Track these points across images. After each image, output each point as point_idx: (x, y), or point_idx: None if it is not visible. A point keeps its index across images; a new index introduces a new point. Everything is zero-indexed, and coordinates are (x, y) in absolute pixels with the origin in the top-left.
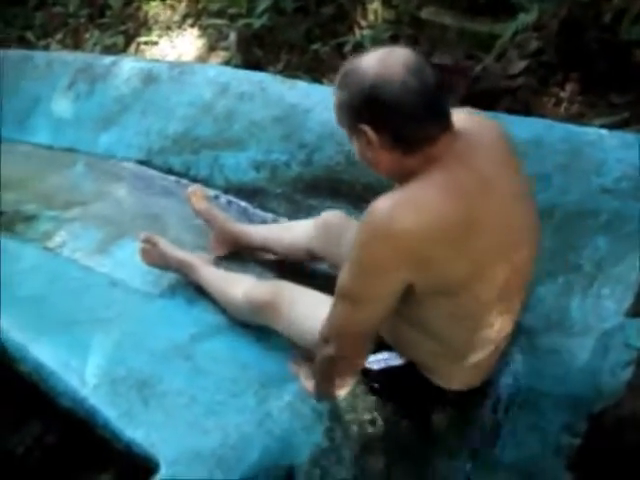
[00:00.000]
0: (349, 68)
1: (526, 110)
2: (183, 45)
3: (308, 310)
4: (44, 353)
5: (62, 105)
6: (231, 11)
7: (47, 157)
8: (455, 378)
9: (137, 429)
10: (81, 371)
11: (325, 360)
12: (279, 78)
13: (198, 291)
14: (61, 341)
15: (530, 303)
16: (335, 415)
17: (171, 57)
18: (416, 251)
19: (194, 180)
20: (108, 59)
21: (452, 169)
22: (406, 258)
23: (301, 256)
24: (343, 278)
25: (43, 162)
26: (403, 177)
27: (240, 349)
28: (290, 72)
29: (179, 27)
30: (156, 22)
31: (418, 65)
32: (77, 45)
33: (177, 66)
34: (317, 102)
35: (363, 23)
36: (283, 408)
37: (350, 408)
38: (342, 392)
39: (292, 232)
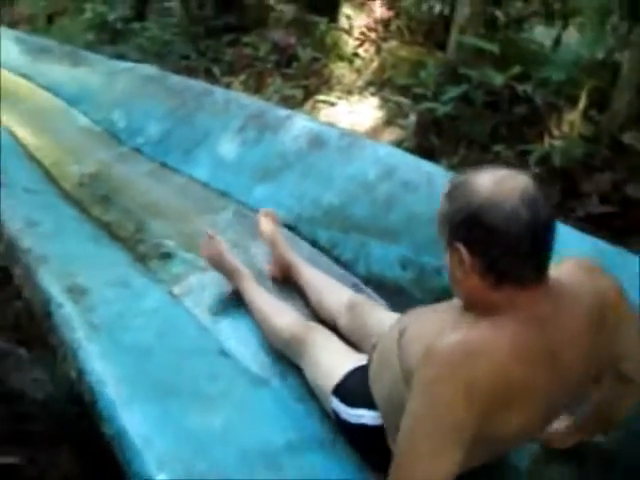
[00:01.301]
0: (461, 180)
1: None
2: (360, 112)
3: (325, 356)
4: (131, 420)
5: (228, 146)
6: (417, 90)
7: (200, 195)
8: None
9: None
10: (162, 453)
11: None
12: (450, 175)
13: (307, 385)
14: (153, 411)
15: None
16: None
17: (345, 122)
18: (483, 401)
19: (336, 260)
20: (283, 112)
21: (528, 328)
22: (475, 405)
23: (327, 321)
24: (406, 433)
25: (195, 199)
26: (478, 307)
27: (334, 472)
28: (465, 169)
29: (360, 93)
30: (339, 83)
31: (535, 199)
32: (258, 89)
33: (347, 136)
34: None
35: (556, 133)
36: None
37: None
38: None
39: (329, 299)
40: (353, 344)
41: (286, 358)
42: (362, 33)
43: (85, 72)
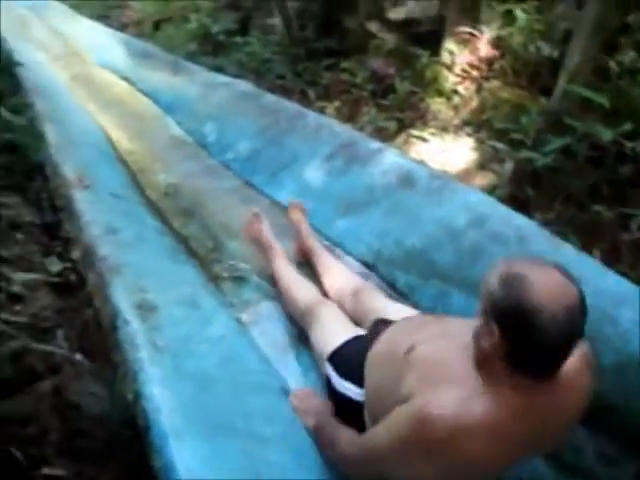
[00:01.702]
0: (519, 271)
1: None
2: (453, 151)
3: (328, 327)
4: (181, 455)
5: (314, 173)
6: (515, 136)
7: (280, 220)
8: None
9: None
10: None
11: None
12: (544, 233)
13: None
14: (203, 448)
15: None
16: None
17: (437, 160)
18: (451, 469)
19: (413, 306)
20: (374, 144)
21: (522, 419)
22: (440, 469)
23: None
24: (378, 434)
25: (275, 224)
26: (487, 375)
27: None
28: (559, 227)
29: (455, 132)
30: (434, 119)
31: (578, 314)
32: (352, 116)
33: (438, 178)
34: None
35: None
36: None
37: None
38: None
39: (340, 288)
40: (355, 323)
41: None
42: (464, 70)
43: (183, 82)
